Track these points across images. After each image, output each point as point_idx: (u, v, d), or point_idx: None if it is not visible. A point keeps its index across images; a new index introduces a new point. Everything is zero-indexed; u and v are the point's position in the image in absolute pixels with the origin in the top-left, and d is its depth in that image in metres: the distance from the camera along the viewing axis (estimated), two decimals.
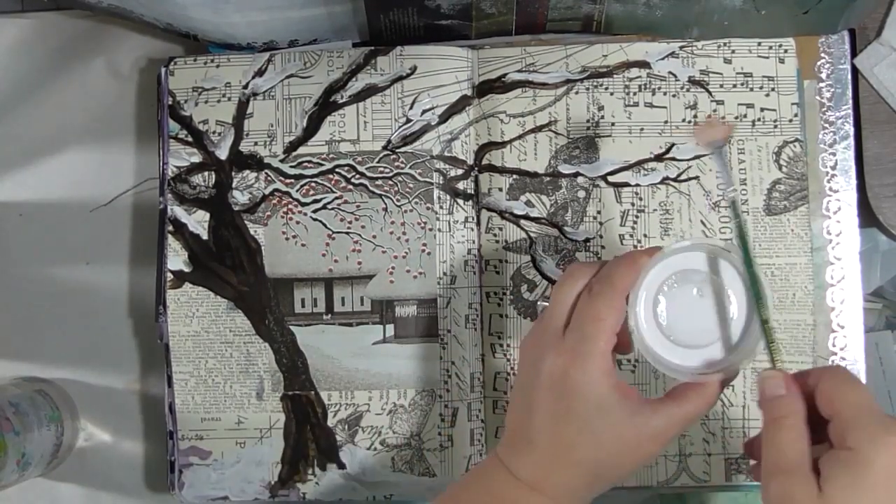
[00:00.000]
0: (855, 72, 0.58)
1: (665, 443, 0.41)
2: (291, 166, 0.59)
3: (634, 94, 0.58)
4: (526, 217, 0.58)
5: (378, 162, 0.59)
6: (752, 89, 0.58)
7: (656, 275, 0.43)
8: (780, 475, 0.37)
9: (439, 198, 0.58)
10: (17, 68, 0.64)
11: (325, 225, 0.59)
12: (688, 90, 0.58)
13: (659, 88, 0.58)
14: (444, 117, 0.58)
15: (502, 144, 0.58)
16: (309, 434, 0.58)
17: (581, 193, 0.58)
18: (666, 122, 0.58)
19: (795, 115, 0.57)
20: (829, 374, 0.39)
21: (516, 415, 0.44)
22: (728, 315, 0.42)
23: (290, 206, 0.59)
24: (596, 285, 0.42)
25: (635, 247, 0.58)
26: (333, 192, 0.59)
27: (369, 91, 0.59)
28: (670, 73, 0.58)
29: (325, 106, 0.59)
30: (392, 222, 0.58)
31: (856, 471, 0.35)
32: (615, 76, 0.58)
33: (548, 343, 0.42)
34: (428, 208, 0.58)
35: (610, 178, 0.58)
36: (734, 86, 0.58)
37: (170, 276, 0.59)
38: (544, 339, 0.42)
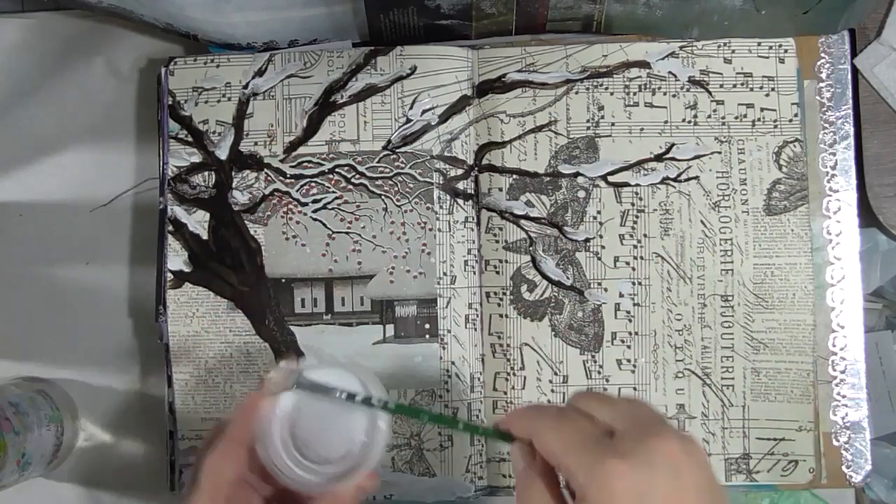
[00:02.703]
0: (855, 72, 0.58)
1: None
2: (291, 166, 0.59)
3: (634, 94, 0.58)
4: (526, 217, 0.58)
5: (378, 162, 0.59)
6: (752, 89, 0.58)
7: (288, 399, 0.43)
8: None
9: (439, 198, 0.58)
10: (17, 68, 0.64)
11: (325, 225, 0.59)
12: (688, 90, 0.58)
13: (659, 88, 0.58)
14: (444, 117, 0.58)
15: (502, 144, 0.58)
16: None
17: (581, 193, 0.58)
18: (666, 122, 0.58)
19: (795, 115, 0.57)
20: (529, 427, 0.38)
21: None
22: (358, 421, 0.42)
23: (290, 206, 0.59)
24: (214, 439, 0.44)
25: (634, 247, 0.58)
26: (333, 192, 0.59)
27: (369, 91, 0.59)
28: (670, 73, 0.58)
29: (325, 106, 0.59)
30: (392, 222, 0.58)
31: None
32: (615, 76, 0.58)
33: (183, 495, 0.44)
34: (428, 208, 0.58)
35: (610, 178, 0.58)
36: (734, 86, 0.58)
37: (170, 276, 0.59)
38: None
